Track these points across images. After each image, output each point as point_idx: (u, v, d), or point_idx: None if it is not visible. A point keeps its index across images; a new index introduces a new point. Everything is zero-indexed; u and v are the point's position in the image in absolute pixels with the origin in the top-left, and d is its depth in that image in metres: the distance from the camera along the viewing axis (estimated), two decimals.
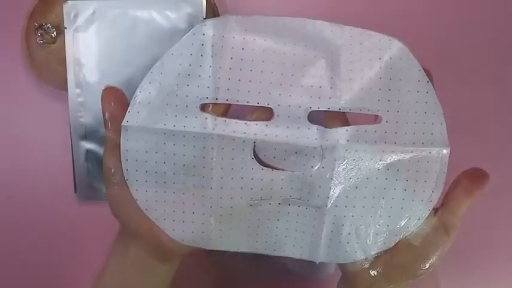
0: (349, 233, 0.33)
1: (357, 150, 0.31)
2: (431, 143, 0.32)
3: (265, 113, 0.32)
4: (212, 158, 0.32)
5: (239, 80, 0.31)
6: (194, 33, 0.32)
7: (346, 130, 0.32)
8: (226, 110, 0.33)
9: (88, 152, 0.46)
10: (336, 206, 0.33)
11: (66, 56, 0.45)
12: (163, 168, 0.32)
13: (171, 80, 0.32)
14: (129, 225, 0.34)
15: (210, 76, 0.31)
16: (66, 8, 0.45)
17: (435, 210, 0.34)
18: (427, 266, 0.33)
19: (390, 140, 0.32)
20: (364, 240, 0.33)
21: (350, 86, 0.31)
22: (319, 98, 0.31)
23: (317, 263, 0.34)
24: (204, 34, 0.31)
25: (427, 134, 0.32)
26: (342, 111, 0.31)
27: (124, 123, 0.32)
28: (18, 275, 0.49)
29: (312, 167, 0.32)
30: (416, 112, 0.32)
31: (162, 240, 0.33)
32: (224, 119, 0.32)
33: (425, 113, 0.32)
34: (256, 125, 0.32)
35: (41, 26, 0.47)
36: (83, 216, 0.49)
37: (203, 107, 0.32)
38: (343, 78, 0.31)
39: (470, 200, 0.33)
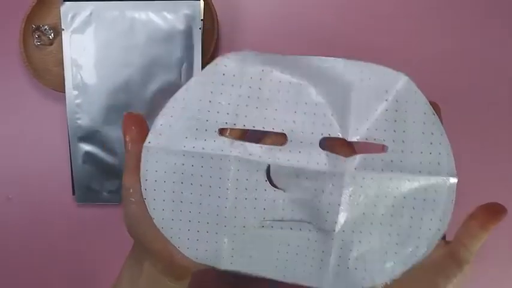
0: (357, 259, 0.34)
1: (364, 178, 0.33)
2: (438, 173, 0.33)
3: (280, 138, 0.33)
4: (228, 179, 0.33)
5: (256, 107, 0.33)
6: (217, 64, 0.34)
7: (355, 158, 0.33)
8: (243, 135, 0.34)
9: (86, 154, 0.46)
10: (344, 231, 0.33)
11: (64, 57, 0.45)
12: (180, 188, 0.34)
13: (193, 105, 0.33)
14: (144, 243, 0.35)
15: (229, 104, 0.33)
16: (63, 9, 0.45)
17: (445, 241, 0.34)
18: None
19: (396, 168, 0.33)
20: (372, 267, 0.33)
21: (358, 118, 0.33)
22: (330, 125, 0.33)
23: None
24: (225, 65, 0.33)
25: (433, 164, 0.33)
26: (349, 140, 0.33)
27: (146, 144, 0.33)
28: (16, 277, 0.49)
29: (322, 191, 0.33)
30: (422, 143, 0.33)
31: (175, 258, 0.34)
32: (241, 142, 0.33)
33: (431, 143, 0.33)
34: (271, 149, 0.33)
35: (38, 28, 0.47)
36: (81, 219, 0.48)
37: (221, 131, 0.34)
38: (352, 111, 0.33)
39: (486, 235, 0.32)
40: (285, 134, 0.33)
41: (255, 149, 0.33)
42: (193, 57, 0.45)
